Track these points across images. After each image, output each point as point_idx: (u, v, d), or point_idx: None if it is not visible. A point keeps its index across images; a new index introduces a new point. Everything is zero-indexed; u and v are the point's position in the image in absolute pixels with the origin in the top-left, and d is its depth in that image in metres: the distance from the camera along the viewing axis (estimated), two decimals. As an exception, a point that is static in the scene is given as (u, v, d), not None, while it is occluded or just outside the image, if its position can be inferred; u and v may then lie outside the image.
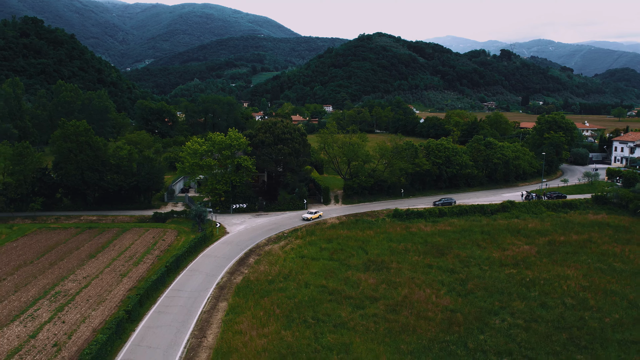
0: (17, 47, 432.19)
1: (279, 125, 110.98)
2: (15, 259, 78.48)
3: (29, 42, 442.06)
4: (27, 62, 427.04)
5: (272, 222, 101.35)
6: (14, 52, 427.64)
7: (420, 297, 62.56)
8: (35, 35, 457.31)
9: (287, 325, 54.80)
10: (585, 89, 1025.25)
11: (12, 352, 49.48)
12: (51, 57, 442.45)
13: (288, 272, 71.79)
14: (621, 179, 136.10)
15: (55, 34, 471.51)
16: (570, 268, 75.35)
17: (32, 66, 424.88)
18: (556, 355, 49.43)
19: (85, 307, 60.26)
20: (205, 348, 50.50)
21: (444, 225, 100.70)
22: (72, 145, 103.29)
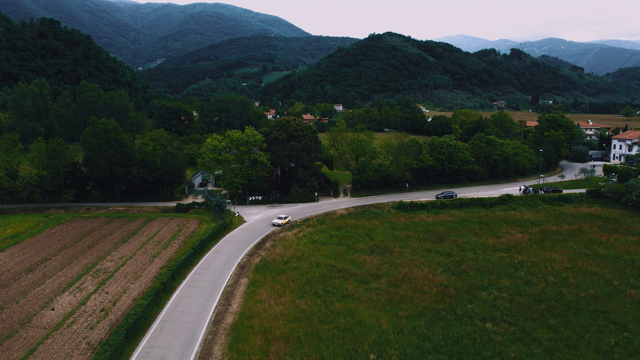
0: (35, 47, 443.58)
1: (291, 123, 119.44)
2: (56, 243, 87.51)
3: (47, 42, 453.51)
4: (45, 63, 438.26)
5: (285, 212, 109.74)
6: (32, 52, 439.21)
7: (418, 275, 70.61)
8: (52, 36, 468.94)
9: (301, 295, 63.16)
10: (596, 88, 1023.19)
11: (67, 315, 58.23)
12: (68, 58, 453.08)
13: (301, 254, 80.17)
14: (616, 174, 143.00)
15: (71, 35, 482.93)
16: (557, 253, 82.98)
17: (49, 66, 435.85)
18: (533, 320, 57.32)
19: (124, 281, 68.97)
20: (231, 313, 58.96)
21: (445, 216, 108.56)
22: (101, 141, 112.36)
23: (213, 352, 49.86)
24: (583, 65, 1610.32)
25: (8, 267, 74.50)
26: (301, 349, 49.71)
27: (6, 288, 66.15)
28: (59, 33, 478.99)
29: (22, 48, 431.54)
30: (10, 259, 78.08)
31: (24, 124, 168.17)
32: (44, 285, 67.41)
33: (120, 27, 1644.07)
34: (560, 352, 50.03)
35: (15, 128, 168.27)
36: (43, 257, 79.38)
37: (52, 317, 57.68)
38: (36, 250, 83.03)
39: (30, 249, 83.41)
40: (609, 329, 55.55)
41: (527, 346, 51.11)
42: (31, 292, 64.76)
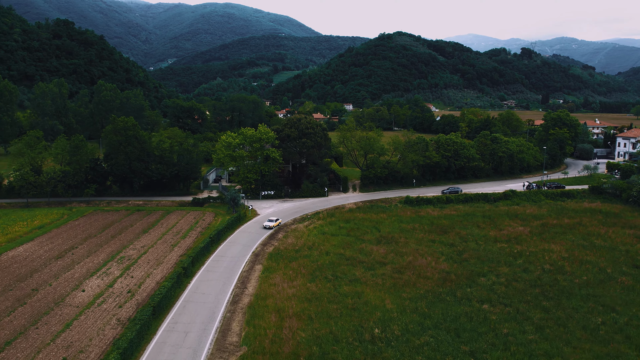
0: (50, 48, 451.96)
1: (303, 121, 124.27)
2: (81, 233, 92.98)
3: (61, 43, 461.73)
4: (60, 63, 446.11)
5: (296, 206, 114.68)
6: (47, 53, 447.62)
7: (422, 263, 75.12)
8: (66, 36, 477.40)
9: (311, 280, 67.94)
10: (607, 87, 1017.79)
11: (97, 295, 63.43)
12: (82, 58, 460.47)
13: (311, 244, 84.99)
14: (619, 171, 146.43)
15: (85, 36, 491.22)
16: (555, 244, 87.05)
17: (64, 66, 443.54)
18: (527, 303, 61.67)
19: (147, 267, 74.12)
20: (247, 295, 63.86)
21: (450, 210, 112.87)
22: (121, 138, 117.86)
23: (232, 327, 54.78)
24: (595, 64, 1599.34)
25: (38, 254, 79.97)
26: (312, 324, 54.49)
27: (38, 272, 71.52)
28: (73, 34, 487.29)
29: (37, 48, 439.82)
30: (39, 247, 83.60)
31: (44, 122, 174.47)
32: (73, 270, 72.75)
33: (132, 27, 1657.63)
34: (550, 329, 54.41)
35: (36, 126, 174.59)
36: (70, 245, 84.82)
37: (83, 297, 62.91)
38: (63, 239, 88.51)
39: (57, 239, 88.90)
40: (597, 310, 59.78)
41: (520, 324, 55.54)
42: (62, 276, 70.09)
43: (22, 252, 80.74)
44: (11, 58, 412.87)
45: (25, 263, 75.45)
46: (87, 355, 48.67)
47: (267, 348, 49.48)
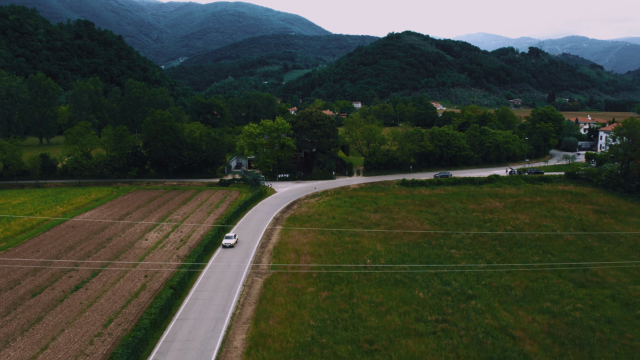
0: (72, 48, 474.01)
1: (314, 114, 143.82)
2: (131, 204, 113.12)
3: (82, 43, 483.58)
4: (82, 62, 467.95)
5: (308, 186, 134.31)
6: (70, 52, 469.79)
7: (409, 225, 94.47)
8: (87, 36, 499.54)
9: (321, 233, 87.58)
10: (615, 86, 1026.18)
11: (157, 242, 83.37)
12: (102, 57, 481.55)
13: (321, 212, 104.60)
14: (595, 160, 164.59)
15: (105, 36, 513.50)
16: (522, 214, 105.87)
17: (85, 65, 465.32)
18: (485, 249, 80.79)
19: (191, 226, 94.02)
20: (272, 243, 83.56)
21: (440, 190, 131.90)
22: (158, 128, 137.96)
23: (262, 261, 74.52)
24: (606, 63, 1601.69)
25: (102, 217, 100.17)
26: (321, 258, 74.11)
27: (107, 229, 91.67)
28: (93, 34, 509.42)
29: (60, 48, 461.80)
30: (101, 213, 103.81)
31: (81, 116, 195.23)
32: (134, 227, 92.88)
33: (143, 26, 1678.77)
34: (496, 261, 73.68)
35: (74, 120, 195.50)
36: (126, 212, 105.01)
37: (147, 243, 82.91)
38: (118, 208, 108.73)
39: (114, 208, 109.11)
40: (537, 254, 78.89)
41: (475, 260, 74.92)
42: (127, 231, 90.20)
43: (89, 216, 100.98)
44: (36, 57, 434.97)
45: (94, 223, 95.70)
46: (160, 275, 68.51)
47: (289, 270, 69.16)
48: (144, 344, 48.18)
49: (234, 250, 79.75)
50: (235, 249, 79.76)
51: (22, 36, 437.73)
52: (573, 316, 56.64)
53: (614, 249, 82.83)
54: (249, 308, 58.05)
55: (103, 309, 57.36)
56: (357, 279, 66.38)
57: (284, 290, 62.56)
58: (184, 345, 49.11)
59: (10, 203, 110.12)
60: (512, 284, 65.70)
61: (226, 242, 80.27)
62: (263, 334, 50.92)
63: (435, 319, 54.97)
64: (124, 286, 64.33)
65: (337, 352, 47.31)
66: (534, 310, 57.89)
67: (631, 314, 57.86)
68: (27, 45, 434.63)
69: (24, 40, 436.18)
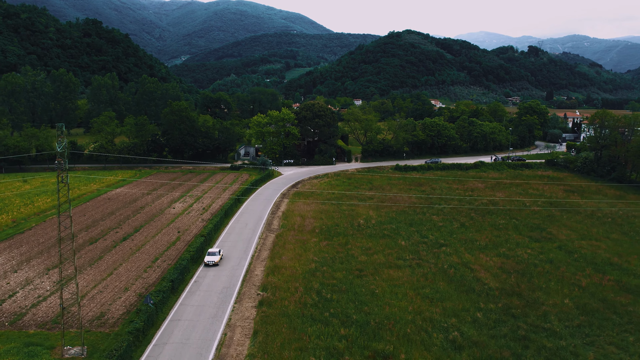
0: (81, 45, 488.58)
1: (316, 105, 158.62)
2: (155, 182, 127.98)
3: (91, 41, 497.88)
4: (90, 59, 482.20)
5: (311, 170, 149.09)
6: (79, 50, 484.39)
7: (398, 199, 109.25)
8: (95, 35, 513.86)
9: (322, 203, 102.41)
10: (614, 85, 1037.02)
11: (183, 210, 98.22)
12: (110, 55, 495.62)
13: (322, 189, 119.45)
14: (574, 149, 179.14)
15: (112, 34, 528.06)
16: (499, 192, 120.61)
17: (94, 63, 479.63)
18: (461, 215, 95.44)
19: (210, 199, 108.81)
20: (280, 210, 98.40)
21: (430, 174, 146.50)
22: (176, 118, 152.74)
23: (273, 223, 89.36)
24: (607, 62, 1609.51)
25: (132, 192, 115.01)
26: (322, 221, 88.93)
27: (138, 200, 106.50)
28: (101, 32, 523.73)
29: (70, 46, 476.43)
30: (130, 190, 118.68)
31: (99, 109, 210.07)
32: (161, 200, 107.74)
33: (146, 25, 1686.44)
34: (469, 224, 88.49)
35: (92, 112, 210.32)
36: (152, 188, 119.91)
37: (175, 211, 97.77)
38: (144, 186, 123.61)
39: (140, 185, 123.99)
40: (505, 219, 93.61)
41: (451, 222, 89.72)
42: (156, 202, 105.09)
43: (120, 192, 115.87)
44: (47, 55, 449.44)
45: (127, 195, 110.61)
46: (190, 232, 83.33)
47: (296, 228, 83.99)
48: (187, 270, 63.04)
49: (249, 214, 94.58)
50: (250, 215, 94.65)
51: (33, 34, 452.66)
52: (522, 257, 71.41)
53: (572, 217, 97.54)
54: (265, 252, 72.93)
55: (149, 252, 72.23)
56: (351, 233, 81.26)
57: (292, 240, 77.40)
58: (217, 273, 64.00)
59: (48, 181, 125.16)
60: (478, 238, 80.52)
61: (209, 259, 66.63)
62: (277, 266, 65.72)
63: (412, 257, 69.82)
64: (162, 238, 79.23)
65: (335, 276, 62.12)
66: (492, 254, 72.65)
67: (570, 258, 72.56)
68: (38, 43, 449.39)
69: (36, 38, 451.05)
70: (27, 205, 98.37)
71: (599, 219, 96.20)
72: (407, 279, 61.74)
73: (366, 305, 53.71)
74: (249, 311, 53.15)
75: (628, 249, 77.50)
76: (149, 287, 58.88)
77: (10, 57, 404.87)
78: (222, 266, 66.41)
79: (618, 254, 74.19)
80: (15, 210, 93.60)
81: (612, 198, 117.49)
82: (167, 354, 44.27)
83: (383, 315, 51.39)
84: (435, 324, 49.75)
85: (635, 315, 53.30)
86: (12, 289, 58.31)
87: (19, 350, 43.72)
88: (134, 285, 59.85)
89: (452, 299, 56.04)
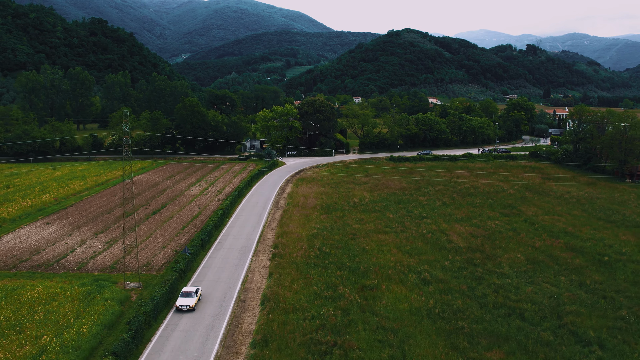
0: (88, 44, 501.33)
1: (317, 101, 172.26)
2: (171, 170, 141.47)
3: (97, 40, 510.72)
4: (97, 58, 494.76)
5: (312, 160, 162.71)
6: (86, 49, 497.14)
7: (390, 184, 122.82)
8: (101, 34, 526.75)
9: (322, 187, 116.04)
10: (611, 83, 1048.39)
11: (200, 192, 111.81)
12: (116, 53, 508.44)
13: (322, 176, 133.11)
14: (557, 143, 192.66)
15: (117, 33, 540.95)
16: (483, 179, 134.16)
17: (100, 61, 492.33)
18: (444, 196, 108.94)
19: (223, 184, 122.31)
20: (286, 192, 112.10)
21: (421, 164, 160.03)
22: (188, 113, 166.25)
23: (280, 201, 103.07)
24: (607, 60, 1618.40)
25: (152, 179, 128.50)
26: (322, 200, 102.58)
27: (159, 185, 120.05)
28: (106, 31, 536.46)
29: (77, 45, 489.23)
30: (149, 176, 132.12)
31: (113, 105, 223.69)
32: (180, 184, 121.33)
33: (146, 23, 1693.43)
34: (449, 202, 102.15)
35: (106, 108, 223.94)
36: (169, 175, 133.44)
37: (193, 193, 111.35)
38: (162, 173, 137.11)
39: (157, 173, 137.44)
40: (481, 199, 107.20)
41: (434, 201, 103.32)
42: (175, 186, 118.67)
43: (141, 178, 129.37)
44: (55, 53, 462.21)
45: (148, 181, 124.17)
46: (209, 208, 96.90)
47: (300, 205, 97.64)
48: (212, 234, 76.75)
49: (259, 195, 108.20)
50: (259, 196, 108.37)
51: (42, 33, 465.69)
52: (490, 227, 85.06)
53: (542, 199, 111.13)
54: (274, 223, 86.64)
55: (177, 222, 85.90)
56: (347, 209, 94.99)
57: (297, 214, 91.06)
58: (236, 235, 77.79)
59: (76, 169, 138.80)
60: (456, 213, 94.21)
61: (181, 302, 52.28)
62: (285, 232, 79.37)
63: (397, 226, 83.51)
64: (186, 213, 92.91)
65: (333, 238, 75.76)
66: (465, 225, 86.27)
67: (531, 227, 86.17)
68: (46, 42, 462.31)
69: (44, 37, 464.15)
70: (63, 187, 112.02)
71: (566, 200, 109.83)
72: (392, 241, 75.35)
73: (357, 257, 67.40)
74: (264, 262, 66.84)
75: (583, 222, 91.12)
76: (182, 246, 72.45)
77: (20, 55, 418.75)
78: (239, 233, 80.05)
79: (573, 225, 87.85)
80: (54, 192, 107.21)
81: (583, 184, 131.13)
82: (204, 287, 57.86)
83: (370, 263, 65.04)
84: (411, 269, 63.42)
85: (572, 265, 66.91)
86: (71, 247, 71.93)
87: (91, 283, 57.29)
88: (169, 245, 73.49)
89: (427, 254, 69.70)
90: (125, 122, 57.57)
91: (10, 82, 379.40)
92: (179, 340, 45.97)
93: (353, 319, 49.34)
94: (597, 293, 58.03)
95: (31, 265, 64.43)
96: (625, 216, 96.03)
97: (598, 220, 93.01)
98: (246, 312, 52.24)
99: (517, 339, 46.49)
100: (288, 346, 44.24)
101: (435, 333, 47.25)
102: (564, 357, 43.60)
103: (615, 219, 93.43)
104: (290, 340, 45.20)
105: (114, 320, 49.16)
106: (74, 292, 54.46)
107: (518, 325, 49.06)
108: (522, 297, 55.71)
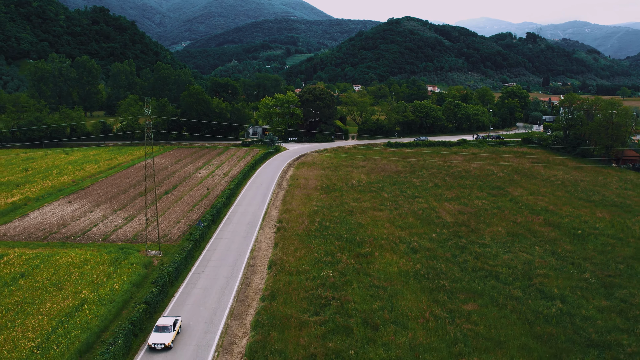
0: (90, 33, 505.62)
1: (317, 89, 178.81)
2: (178, 155, 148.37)
3: (99, 28, 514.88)
4: (99, 46, 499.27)
5: (313, 146, 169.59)
6: (88, 37, 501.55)
7: (387, 168, 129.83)
8: (103, 22, 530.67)
9: (322, 170, 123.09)
10: (611, 71, 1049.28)
11: (208, 175, 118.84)
12: (118, 42, 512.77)
13: (322, 160, 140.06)
14: (550, 129, 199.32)
15: (119, 22, 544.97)
16: (475, 163, 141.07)
17: (103, 49, 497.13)
18: (437, 178, 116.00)
19: (228, 167, 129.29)
20: (288, 175, 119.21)
21: (417, 150, 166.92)
22: (193, 100, 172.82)
23: (283, 183, 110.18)
24: (607, 48, 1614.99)
25: (161, 162, 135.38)
26: (322, 181, 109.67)
27: (168, 168, 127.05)
28: (108, 20, 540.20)
29: (79, 33, 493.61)
30: (158, 161, 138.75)
31: (119, 93, 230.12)
32: (188, 167, 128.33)
33: (146, 10, 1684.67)
34: (441, 184, 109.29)
35: (112, 96, 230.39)
36: (177, 159, 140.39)
37: (201, 176, 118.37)
38: (170, 157, 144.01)
39: (165, 158, 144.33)
40: (471, 181, 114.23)
41: (427, 183, 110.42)
42: (184, 169, 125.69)
43: (150, 162, 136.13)
44: (58, 42, 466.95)
45: (157, 165, 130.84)
46: (217, 189, 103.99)
47: (301, 187, 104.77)
48: (221, 211, 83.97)
49: (262, 177, 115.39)
50: (263, 178, 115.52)
51: (45, 22, 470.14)
52: (477, 205, 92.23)
53: (529, 181, 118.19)
54: (278, 201, 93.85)
55: (188, 201, 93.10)
56: (345, 190, 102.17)
57: (299, 194, 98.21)
58: (244, 212, 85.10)
59: (88, 153, 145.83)
60: (446, 193, 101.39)
61: (154, 340, 43.57)
62: (288, 209, 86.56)
63: (391, 204, 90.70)
64: (196, 193, 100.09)
65: (332, 214, 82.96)
66: (455, 203, 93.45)
67: (515, 206, 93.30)
68: (49, 31, 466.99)
69: (47, 26, 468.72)
70: (79, 170, 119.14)
71: (551, 182, 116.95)
72: (385, 217, 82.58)
73: (354, 230, 74.67)
74: (269, 234, 74.13)
75: (565, 201, 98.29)
76: (195, 221, 79.67)
77: (24, 44, 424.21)
78: (245, 210, 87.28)
79: (554, 204, 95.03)
80: (71, 174, 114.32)
81: (570, 168, 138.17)
82: (217, 255, 65.16)
83: (365, 235, 72.31)
84: (402, 240, 70.67)
85: (548, 237, 74.15)
86: (94, 222, 79.16)
87: (117, 251, 64.55)
88: (183, 220, 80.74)
89: (417, 227, 76.97)
90: (147, 107, 64.33)
91: (15, 70, 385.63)
92: (198, 296, 53.31)
93: (349, 279, 56.66)
94: (567, 260, 65.29)
95: (60, 237, 71.63)
96: (604, 196, 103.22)
97: (579, 200, 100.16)
98: (255, 275, 59.56)
99: (491, 294, 53.82)
100: (293, 300, 51.57)
101: (419, 290, 54.60)
102: (529, 309, 50.89)
103: (595, 199, 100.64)
104: (294, 295, 52.54)
105: (141, 281, 56.52)
106: (103, 258, 61.76)
107: (492, 285, 56.39)
108: (499, 263, 63.00)
